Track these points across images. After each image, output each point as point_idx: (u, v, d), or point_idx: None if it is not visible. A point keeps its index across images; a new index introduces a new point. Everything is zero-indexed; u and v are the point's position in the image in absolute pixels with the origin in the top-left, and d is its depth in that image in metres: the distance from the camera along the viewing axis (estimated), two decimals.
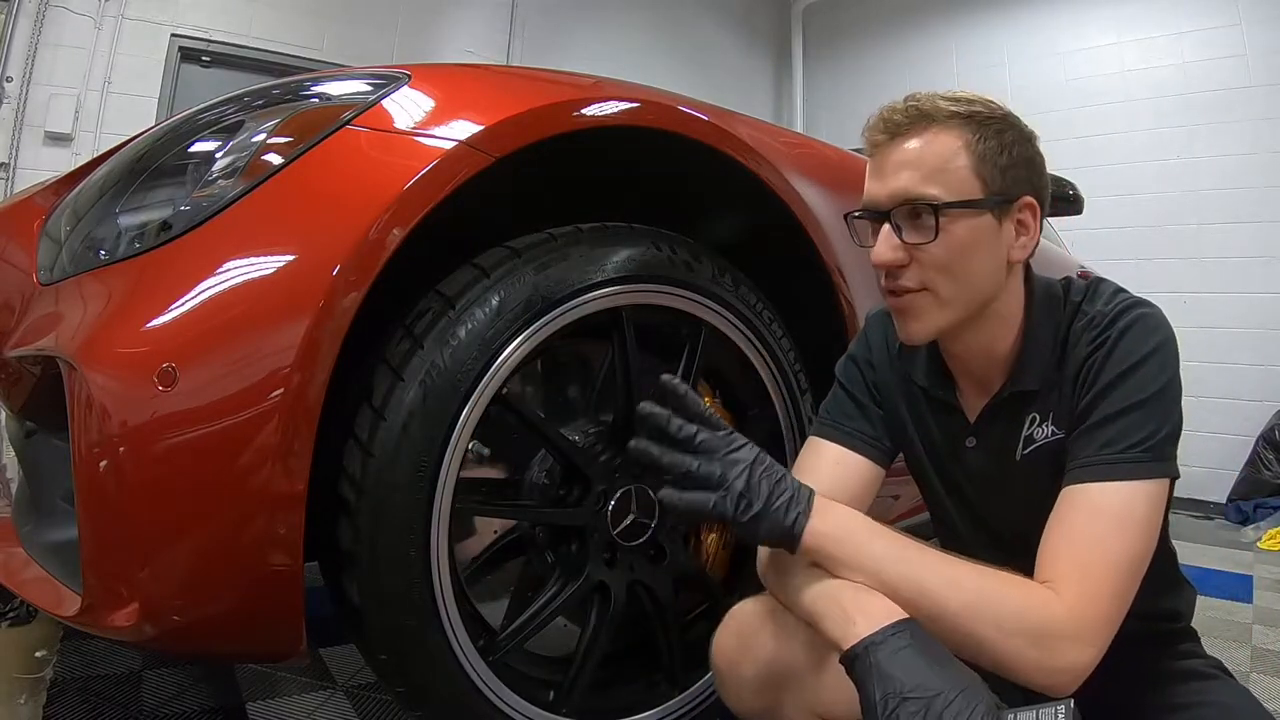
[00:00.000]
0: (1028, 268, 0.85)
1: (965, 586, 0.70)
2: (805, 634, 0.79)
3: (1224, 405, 3.88)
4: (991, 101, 0.81)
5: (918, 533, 0.86)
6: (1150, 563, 0.74)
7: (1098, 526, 0.72)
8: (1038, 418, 0.83)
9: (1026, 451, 0.84)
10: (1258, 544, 3.22)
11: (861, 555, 0.73)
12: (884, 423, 0.95)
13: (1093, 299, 0.82)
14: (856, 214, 0.84)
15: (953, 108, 0.79)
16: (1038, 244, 0.83)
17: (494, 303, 0.92)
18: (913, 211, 0.78)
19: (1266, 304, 3.90)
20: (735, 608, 0.89)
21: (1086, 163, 4.25)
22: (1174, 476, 0.75)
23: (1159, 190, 4.23)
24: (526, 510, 1.05)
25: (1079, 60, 4.59)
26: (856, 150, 1.59)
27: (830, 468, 0.91)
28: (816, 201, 1.22)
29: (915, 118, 0.79)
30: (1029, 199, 0.80)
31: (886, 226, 0.80)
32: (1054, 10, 4.74)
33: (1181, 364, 0.78)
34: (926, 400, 0.92)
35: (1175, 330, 0.80)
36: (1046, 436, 0.83)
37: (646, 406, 0.75)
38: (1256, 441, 3.76)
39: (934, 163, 0.78)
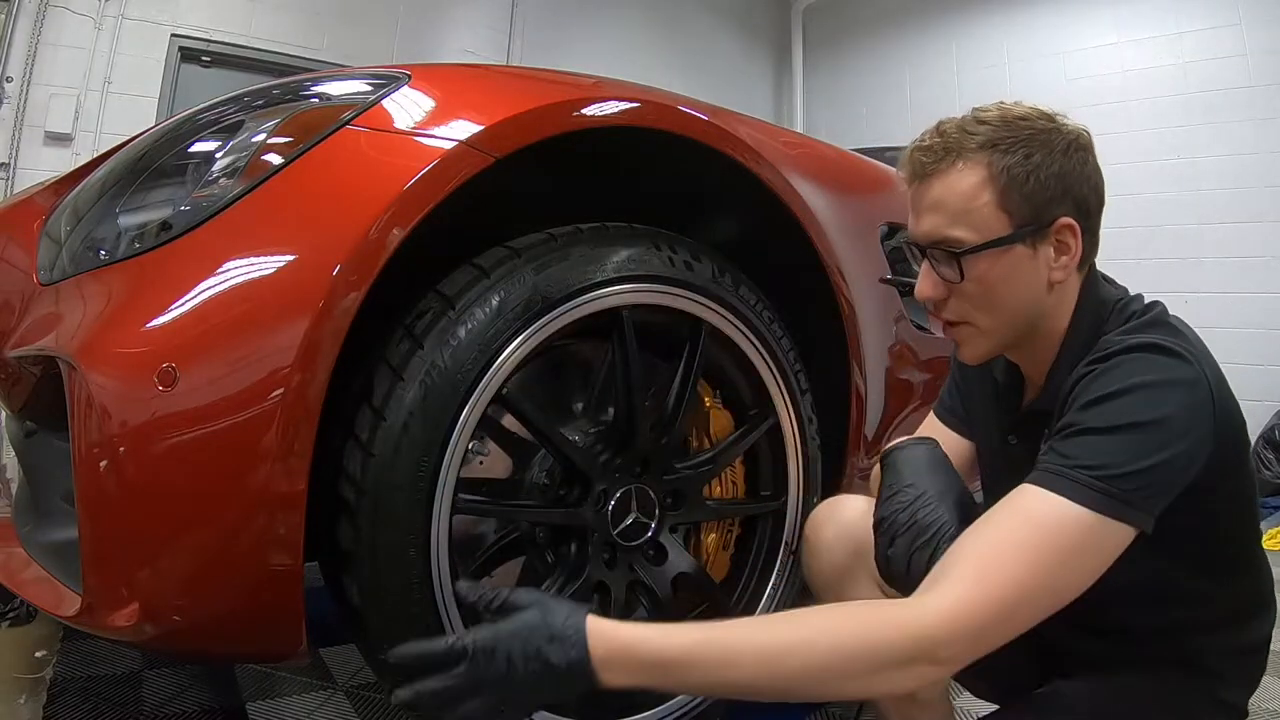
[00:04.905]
0: (1087, 282, 0.84)
1: (820, 640, 0.66)
2: None
3: None
4: (1024, 116, 0.80)
5: None
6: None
7: (1015, 531, 0.68)
8: (1048, 433, 0.82)
9: None
10: None
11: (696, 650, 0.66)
12: (964, 404, 1.02)
13: (1127, 328, 0.80)
14: (907, 241, 0.87)
15: (978, 137, 0.79)
16: (1082, 259, 0.81)
17: (494, 303, 0.92)
18: (943, 253, 0.81)
19: (1266, 304, 3.90)
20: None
21: None
22: (1137, 526, 0.68)
23: (1159, 190, 4.23)
24: (527, 510, 1.05)
25: (1079, 60, 4.59)
26: (857, 150, 1.60)
27: (938, 437, 0.98)
28: (816, 201, 1.22)
29: (940, 155, 0.80)
30: (1066, 220, 0.79)
31: (926, 262, 0.83)
32: (1054, 10, 4.74)
33: None
34: (995, 390, 0.95)
35: None
36: None
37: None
38: (1256, 441, 3.76)
39: (958, 204, 0.79)
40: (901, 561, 0.81)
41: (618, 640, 0.65)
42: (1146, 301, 0.84)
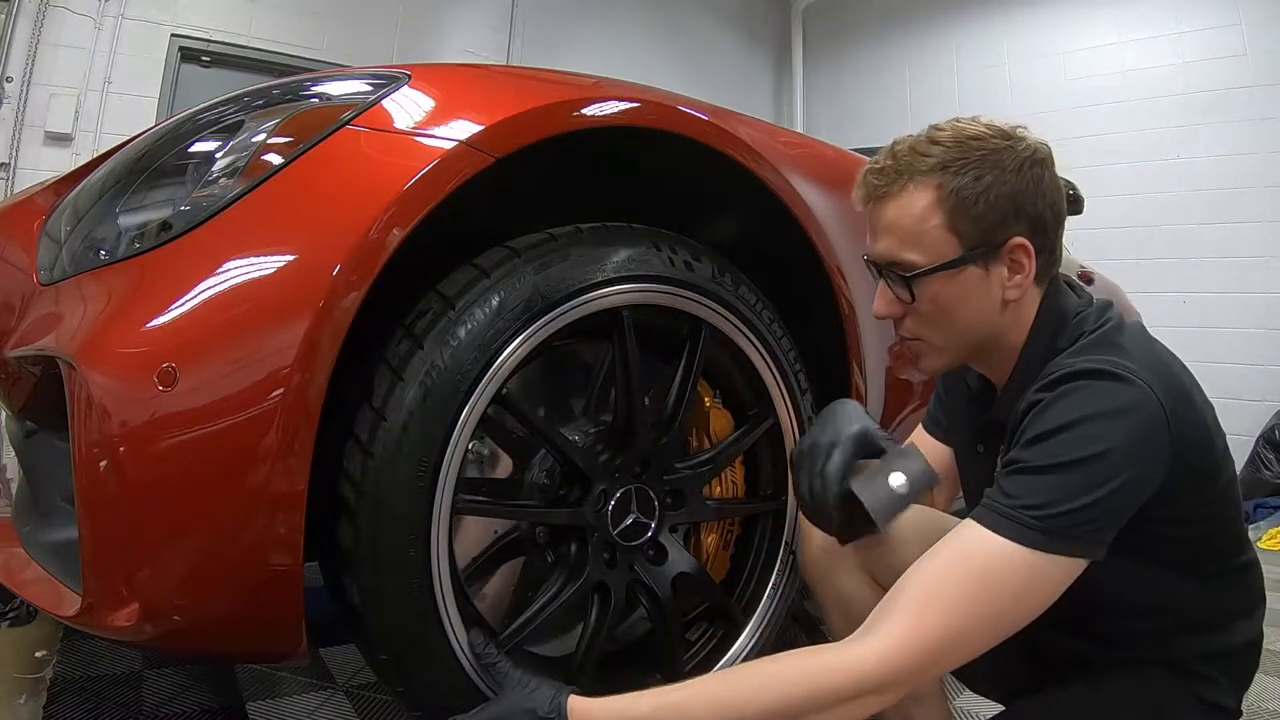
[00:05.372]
0: (1048, 295, 0.84)
1: (772, 687, 0.70)
2: None
3: (1224, 405, 3.82)
4: (977, 136, 0.80)
5: None
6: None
7: (955, 570, 0.70)
8: (1004, 449, 0.84)
9: None
10: (1258, 544, 3.23)
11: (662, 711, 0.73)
12: (945, 412, 1.05)
13: (1074, 349, 0.79)
14: (866, 258, 0.89)
15: (929, 159, 0.79)
16: (1038, 275, 0.82)
17: (494, 303, 0.92)
18: (896, 274, 0.82)
19: (1266, 304, 3.89)
20: None
21: (1086, 162, 4.25)
22: (1085, 558, 0.70)
23: (1159, 190, 4.23)
24: (527, 510, 1.05)
25: (1079, 60, 4.59)
26: (857, 150, 1.60)
27: (923, 447, 1.00)
28: (816, 201, 1.22)
29: (892, 177, 0.81)
30: (1018, 240, 0.79)
31: (883, 281, 0.85)
32: (1054, 10, 4.74)
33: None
34: (968, 397, 0.96)
35: (1174, 331, 0.79)
36: None
37: None
38: (1256, 441, 3.75)
39: (909, 226, 0.80)
40: (805, 489, 0.89)
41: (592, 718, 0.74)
42: (1103, 315, 0.83)
